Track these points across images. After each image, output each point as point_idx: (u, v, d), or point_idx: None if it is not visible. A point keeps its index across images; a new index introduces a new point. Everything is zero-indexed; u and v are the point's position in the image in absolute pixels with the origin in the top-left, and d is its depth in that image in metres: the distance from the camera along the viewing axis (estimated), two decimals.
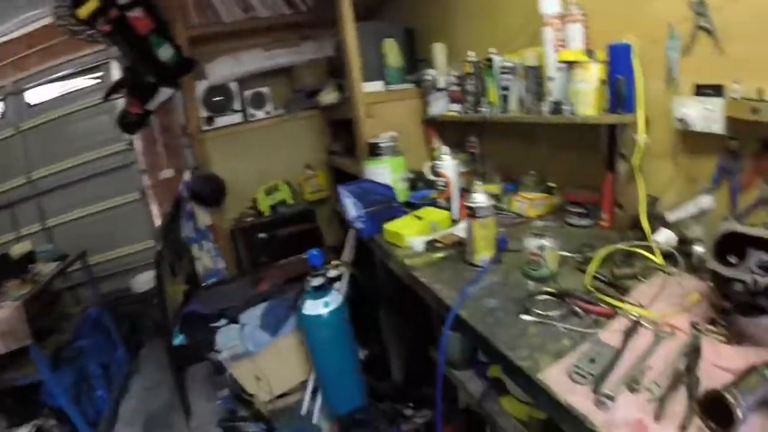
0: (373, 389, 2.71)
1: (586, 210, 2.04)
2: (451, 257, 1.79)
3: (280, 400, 2.80)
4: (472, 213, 1.65)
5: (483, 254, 1.69)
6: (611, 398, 1.02)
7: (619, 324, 1.32)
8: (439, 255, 1.80)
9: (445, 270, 1.71)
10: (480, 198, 1.65)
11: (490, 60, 2.33)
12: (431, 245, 1.87)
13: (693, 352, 1.18)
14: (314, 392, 2.77)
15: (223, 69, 4.09)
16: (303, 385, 2.81)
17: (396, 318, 2.83)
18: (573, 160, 2.29)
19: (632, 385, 1.08)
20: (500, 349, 1.23)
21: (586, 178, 2.14)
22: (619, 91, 1.79)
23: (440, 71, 2.80)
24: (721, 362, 1.13)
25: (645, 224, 1.77)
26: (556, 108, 1.99)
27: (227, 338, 2.81)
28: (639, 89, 1.79)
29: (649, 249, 1.65)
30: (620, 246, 1.68)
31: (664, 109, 1.75)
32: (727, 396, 0.92)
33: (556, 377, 1.11)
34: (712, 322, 1.28)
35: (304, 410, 2.74)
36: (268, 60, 4.21)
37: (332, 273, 2.80)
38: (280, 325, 2.83)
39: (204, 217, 4.08)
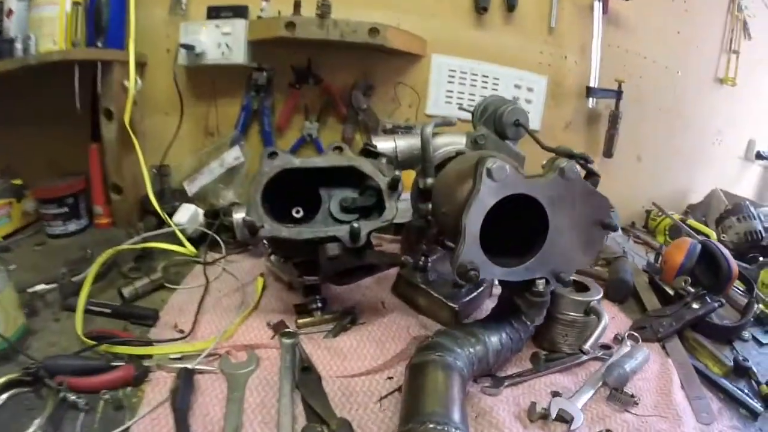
0: None
1: (69, 208, 1.22)
2: None
3: None
4: None
5: None
6: None
7: (158, 388, 0.64)
8: None
9: None
10: None
11: None
12: None
13: (303, 375, 0.67)
14: None
15: None
16: None
17: None
18: (45, 137, 1.34)
19: None
20: None
21: (68, 161, 1.31)
22: (98, 16, 1.15)
23: None
24: (346, 364, 0.71)
25: (156, 205, 1.16)
26: (6, 48, 1.15)
27: None
28: (131, 16, 1.19)
29: (172, 238, 1.07)
30: (124, 246, 0.99)
31: (168, 43, 1.26)
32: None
33: None
34: (303, 310, 0.83)
35: None
36: None
37: None
38: None
39: None
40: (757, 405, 0.72)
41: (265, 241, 0.87)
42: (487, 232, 0.59)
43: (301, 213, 0.80)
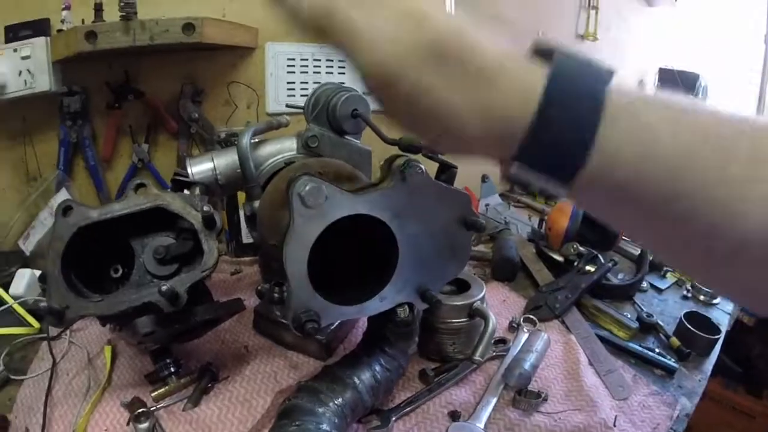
0: None
1: None
2: None
3: None
4: None
5: None
6: None
7: None
8: None
9: None
10: None
11: None
12: None
13: None
14: None
15: None
16: None
17: None
18: None
19: None
20: None
21: None
22: None
23: None
24: None
25: None
26: None
27: None
28: None
29: (9, 316, 0.80)
30: None
31: None
32: None
33: None
34: (155, 378, 0.64)
35: None
36: None
37: None
38: None
39: None
40: (670, 361, 0.68)
41: None
42: (327, 260, 0.45)
43: (121, 271, 0.62)
